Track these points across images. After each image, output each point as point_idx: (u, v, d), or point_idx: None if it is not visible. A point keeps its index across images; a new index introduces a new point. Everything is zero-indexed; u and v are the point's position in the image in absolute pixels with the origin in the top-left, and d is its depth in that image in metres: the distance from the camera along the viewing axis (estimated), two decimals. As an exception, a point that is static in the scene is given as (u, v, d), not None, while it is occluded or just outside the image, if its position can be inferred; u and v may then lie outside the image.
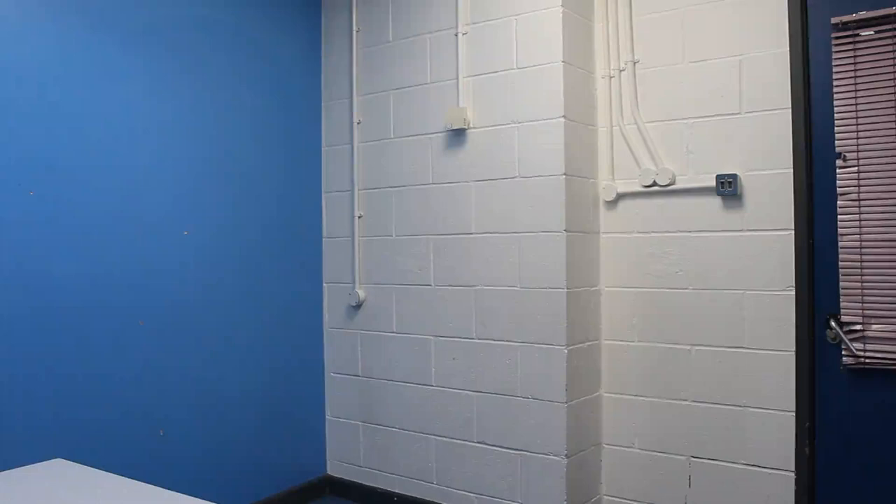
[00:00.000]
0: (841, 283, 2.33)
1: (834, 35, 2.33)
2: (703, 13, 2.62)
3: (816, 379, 2.40)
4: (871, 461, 2.32)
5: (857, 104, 2.30)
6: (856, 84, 2.30)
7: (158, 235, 2.71)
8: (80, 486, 1.48)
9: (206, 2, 2.90)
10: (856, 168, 2.30)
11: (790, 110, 2.43)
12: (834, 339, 2.35)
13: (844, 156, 2.31)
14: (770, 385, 2.48)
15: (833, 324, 2.34)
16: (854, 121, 2.30)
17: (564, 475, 2.65)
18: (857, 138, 2.30)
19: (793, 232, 2.43)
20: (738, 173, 2.53)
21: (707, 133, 2.61)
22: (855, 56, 2.30)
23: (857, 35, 2.29)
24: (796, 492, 2.43)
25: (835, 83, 2.34)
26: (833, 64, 2.34)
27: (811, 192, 2.41)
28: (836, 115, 2.34)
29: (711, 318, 2.60)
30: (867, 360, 2.29)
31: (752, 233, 2.52)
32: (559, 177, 2.67)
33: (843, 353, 2.33)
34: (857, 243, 2.31)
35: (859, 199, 2.30)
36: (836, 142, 2.33)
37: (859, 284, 2.30)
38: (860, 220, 2.30)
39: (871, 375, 2.31)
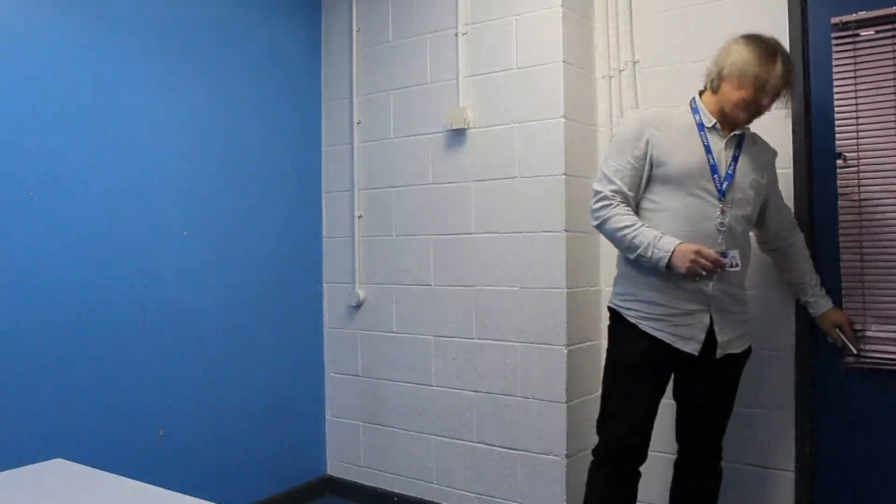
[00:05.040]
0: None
1: (834, 35, 2.33)
2: (703, 13, 2.61)
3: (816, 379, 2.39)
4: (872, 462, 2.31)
5: (857, 104, 2.30)
6: (856, 84, 2.30)
7: (158, 235, 2.71)
8: (80, 486, 1.48)
9: (204, 2, 2.90)
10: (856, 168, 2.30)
11: (790, 110, 2.43)
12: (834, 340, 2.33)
13: (844, 156, 2.31)
14: (770, 385, 2.48)
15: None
16: (854, 121, 2.30)
17: (564, 475, 2.65)
18: (858, 138, 2.30)
19: (793, 232, 2.42)
20: (738, 173, 2.53)
21: (707, 133, 2.60)
22: (855, 56, 2.29)
23: (857, 35, 2.28)
24: (796, 492, 2.43)
25: (835, 82, 2.34)
26: (833, 64, 2.34)
27: (812, 192, 2.41)
28: (836, 114, 2.33)
29: (711, 318, 2.59)
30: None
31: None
32: (559, 177, 2.67)
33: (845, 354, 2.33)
34: (858, 243, 2.31)
35: (860, 200, 2.30)
36: (836, 142, 2.33)
37: (860, 284, 2.30)
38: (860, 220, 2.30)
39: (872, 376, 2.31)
